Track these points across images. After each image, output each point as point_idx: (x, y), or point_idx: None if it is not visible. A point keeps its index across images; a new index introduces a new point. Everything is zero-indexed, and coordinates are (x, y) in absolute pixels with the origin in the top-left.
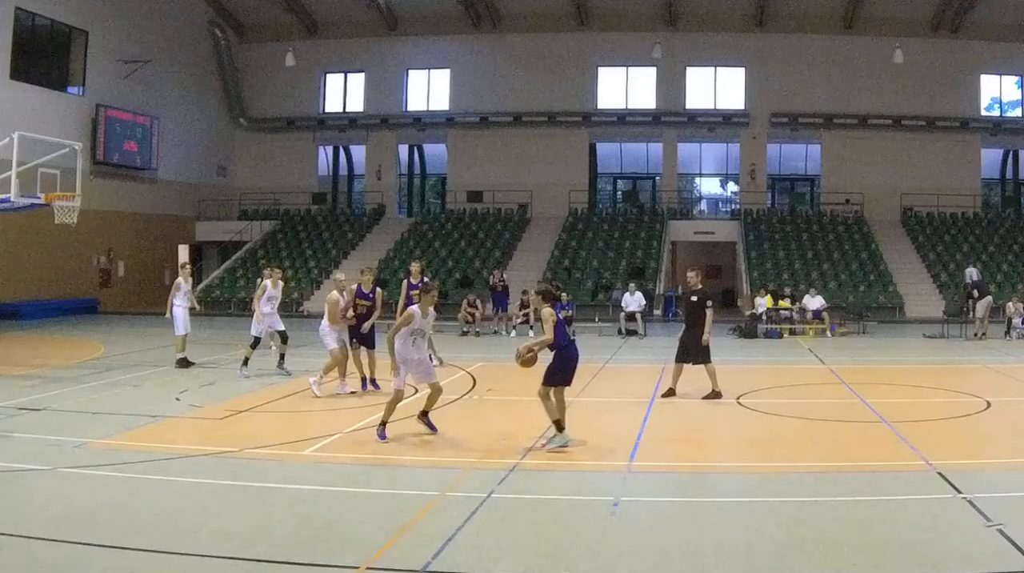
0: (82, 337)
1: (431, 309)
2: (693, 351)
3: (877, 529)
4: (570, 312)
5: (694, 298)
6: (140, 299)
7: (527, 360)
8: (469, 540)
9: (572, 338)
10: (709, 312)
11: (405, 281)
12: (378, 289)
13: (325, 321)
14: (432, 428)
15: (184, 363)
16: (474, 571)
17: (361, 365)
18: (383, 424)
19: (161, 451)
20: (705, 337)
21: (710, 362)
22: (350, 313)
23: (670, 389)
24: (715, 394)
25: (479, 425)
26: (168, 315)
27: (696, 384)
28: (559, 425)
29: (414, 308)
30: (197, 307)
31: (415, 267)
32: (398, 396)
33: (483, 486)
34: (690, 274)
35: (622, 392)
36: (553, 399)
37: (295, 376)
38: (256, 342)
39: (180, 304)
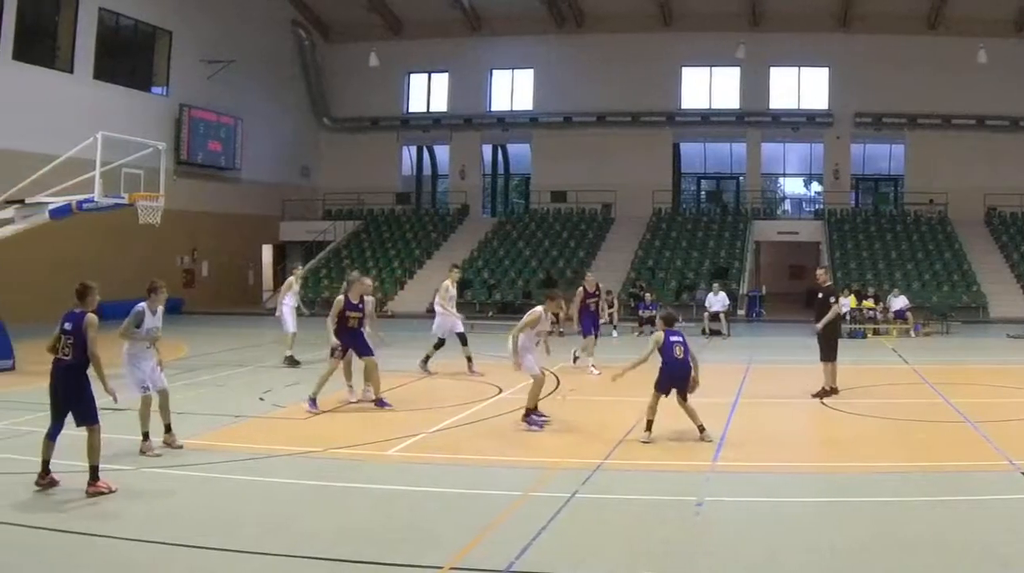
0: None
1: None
2: (821, 347)
3: (960, 529)
4: (653, 312)
5: (820, 295)
6: (224, 299)
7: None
8: (553, 540)
9: (679, 357)
10: (835, 308)
11: (581, 288)
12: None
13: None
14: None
15: (293, 362)
16: (558, 571)
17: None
18: (528, 412)
19: (245, 451)
20: (817, 327)
21: (831, 361)
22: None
23: (832, 388)
24: (824, 392)
25: (563, 425)
26: (278, 314)
27: (781, 384)
28: (648, 425)
29: (540, 310)
30: (305, 311)
31: (591, 278)
32: (540, 381)
33: (567, 486)
34: (819, 271)
35: (706, 392)
36: (653, 403)
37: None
38: (441, 343)
39: (289, 303)
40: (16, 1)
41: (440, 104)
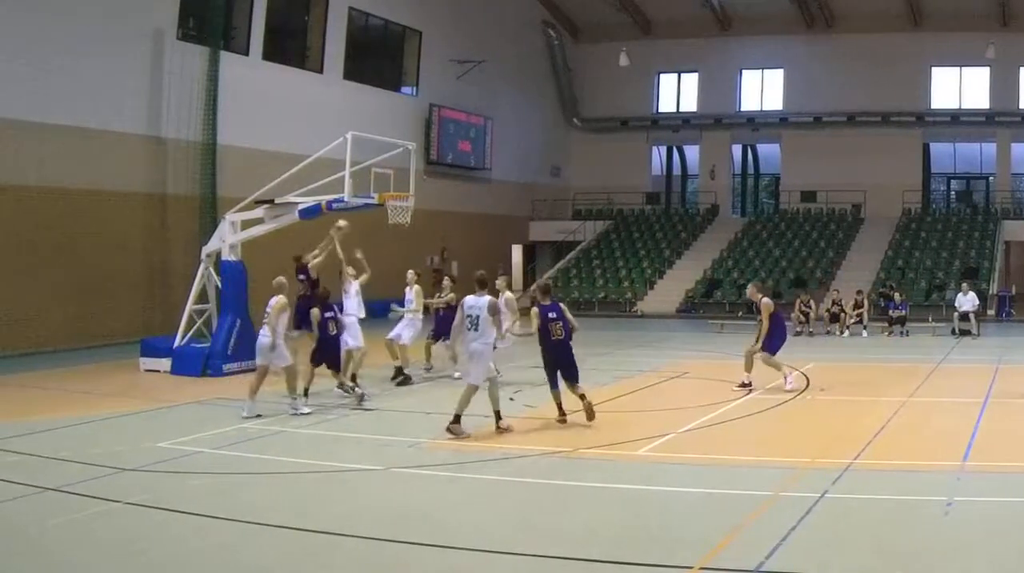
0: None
1: None
2: None
3: None
4: (903, 312)
5: None
6: None
7: None
8: (802, 540)
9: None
10: None
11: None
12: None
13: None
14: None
15: None
16: (807, 572)
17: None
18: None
19: (494, 451)
20: None
21: None
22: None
23: None
24: None
25: (812, 425)
26: None
27: None
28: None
29: None
30: None
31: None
32: None
33: (817, 486)
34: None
35: (955, 392)
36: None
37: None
38: None
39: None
40: (265, 1)
41: (690, 104)
